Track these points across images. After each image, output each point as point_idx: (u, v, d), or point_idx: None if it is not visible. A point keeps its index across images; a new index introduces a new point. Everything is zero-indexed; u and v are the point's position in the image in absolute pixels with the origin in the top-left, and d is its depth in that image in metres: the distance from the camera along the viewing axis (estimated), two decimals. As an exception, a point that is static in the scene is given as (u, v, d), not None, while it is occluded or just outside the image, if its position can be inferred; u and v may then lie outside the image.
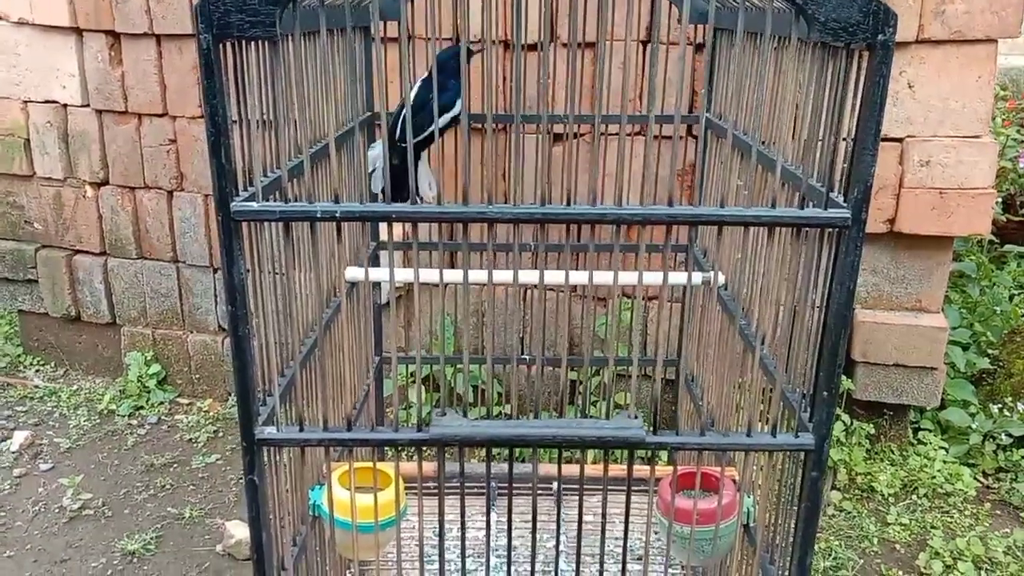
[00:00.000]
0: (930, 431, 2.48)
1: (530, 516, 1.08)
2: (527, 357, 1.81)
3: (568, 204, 0.96)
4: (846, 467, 2.35)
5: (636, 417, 1.02)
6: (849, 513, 2.25)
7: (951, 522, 2.21)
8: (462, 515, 1.09)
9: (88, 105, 2.68)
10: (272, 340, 1.09)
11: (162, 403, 2.76)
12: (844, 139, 0.99)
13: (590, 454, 2.09)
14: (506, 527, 1.09)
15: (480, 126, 2.00)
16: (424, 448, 1.07)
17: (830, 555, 2.09)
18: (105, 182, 2.75)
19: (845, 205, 0.95)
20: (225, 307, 0.97)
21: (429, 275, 1.35)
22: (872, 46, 0.90)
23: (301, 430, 1.03)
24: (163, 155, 2.64)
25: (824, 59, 1.02)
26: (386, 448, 1.59)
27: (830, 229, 0.99)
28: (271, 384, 1.08)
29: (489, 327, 1.05)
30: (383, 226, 1.66)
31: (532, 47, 2.16)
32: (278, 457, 1.13)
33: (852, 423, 2.41)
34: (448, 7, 1.87)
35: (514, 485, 1.15)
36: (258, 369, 1.05)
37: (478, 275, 1.34)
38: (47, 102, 2.73)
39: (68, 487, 2.29)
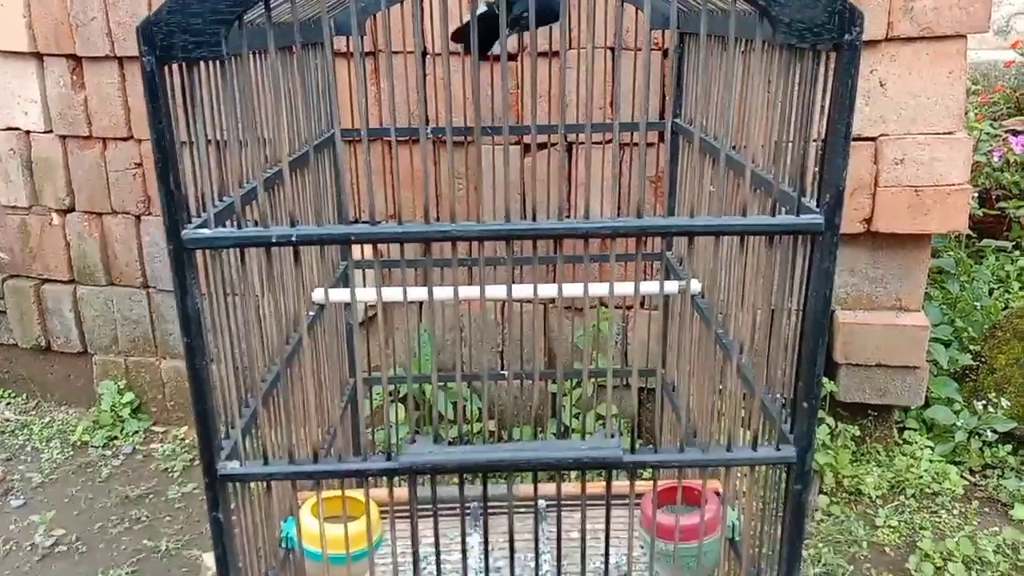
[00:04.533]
0: (915, 430, 2.46)
1: (509, 536, 1.05)
2: (504, 373, 1.78)
3: (534, 219, 0.93)
4: (832, 470, 2.33)
5: (613, 436, 0.98)
6: (837, 517, 2.22)
7: (940, 522, 2.19)
8: (436, 541, 1.05)
9: (51, 131, 2.63)
10: (233, 370, 1.05)
11: (136, 432, 2.71)
12: (815, 141, 0.96)
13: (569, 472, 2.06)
14: (484, 550, 1.06)
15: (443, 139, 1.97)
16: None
17: (819, 562, 2.06)
18: (71, 209, 2.70)
19: (818, 210, 0.93)
20: (181, 339, 0.93)
21: (395, 294, 1.31)
22: (839, 46, 0.87)
23: (266, 463, 0.99)
24: (129, 179, 2.59)
25: (791, 61, 1.00)
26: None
27: (803, 235, 0.96)
28: (233, 417, 1.04)
29: (464, 343, 1.02)
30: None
31: (499, 57, 2.13)
32: (245, 491, 1.09)
33: (837, 425, 2.39)
34: (407, 19, 1.84)
35: (493, 505, 1.11)
36: (219, 401, 1.01)
37: (446, 292, 1.30)
38: (9, 129, 2.68)
39: (40, 523, 2.23)
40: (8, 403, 2.91)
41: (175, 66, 0.90)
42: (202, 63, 0.96)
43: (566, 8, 1.29)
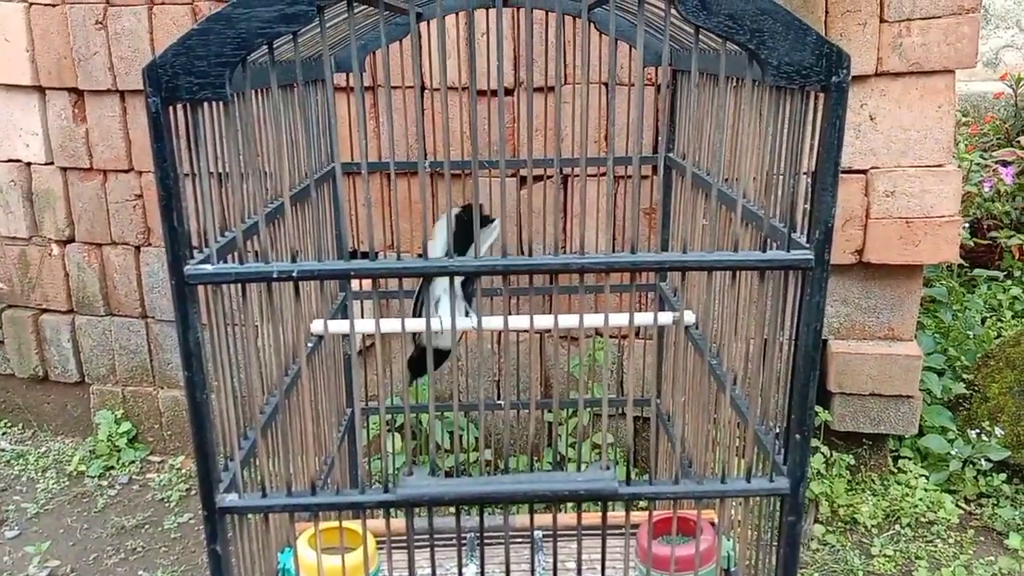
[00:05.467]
0: (910, 459, 2.47)
1: (505, 567, 1.06)
2: (501, 402, 1.79)
3: (531, 254, 0.95)
4: (828, 499, 2.33)
5: (608, 467, 1.00)
6: (833, 547, 2.23)
7: (935, 551, 2.19)
8: (433, 571, 1.06)
9: (52, 163, 2.66)
10: (232, 404, 1.06)
11: (133, 462, 2.70)
12: (805, 174, 0.99)
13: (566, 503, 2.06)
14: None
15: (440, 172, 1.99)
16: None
17: (816, 591, 2.06)
18: (71, 239, 2.71)
19: (808, 246, 0.95)
20: (182, 372, 0.95)
21: (393, 325, 1.32)
22: (827, 88, 0.90)
23: (264, 496, 1.00)
24: (129, 211, 2.62)
25: (780, 100, 1.02)
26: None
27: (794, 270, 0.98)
28: (232, 449, 1.06)
29: (461, 373, 1.03)
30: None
31: (496, 93, 2.17)
32: (243, 523, 1.10)
33: (831, 454, 2.40)
34: (407, 55, 1.87)
35: (489, 536, 1.12)
36: (219, 434, 1.02)
37: (443, 323, 1.32)
38: (10, 161, 2.70)
39: (35, 554, 2.23)
40: (4, 432, 2.90)
41: (179, 106, 0.92)
42: (205, 103, 0.98)
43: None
